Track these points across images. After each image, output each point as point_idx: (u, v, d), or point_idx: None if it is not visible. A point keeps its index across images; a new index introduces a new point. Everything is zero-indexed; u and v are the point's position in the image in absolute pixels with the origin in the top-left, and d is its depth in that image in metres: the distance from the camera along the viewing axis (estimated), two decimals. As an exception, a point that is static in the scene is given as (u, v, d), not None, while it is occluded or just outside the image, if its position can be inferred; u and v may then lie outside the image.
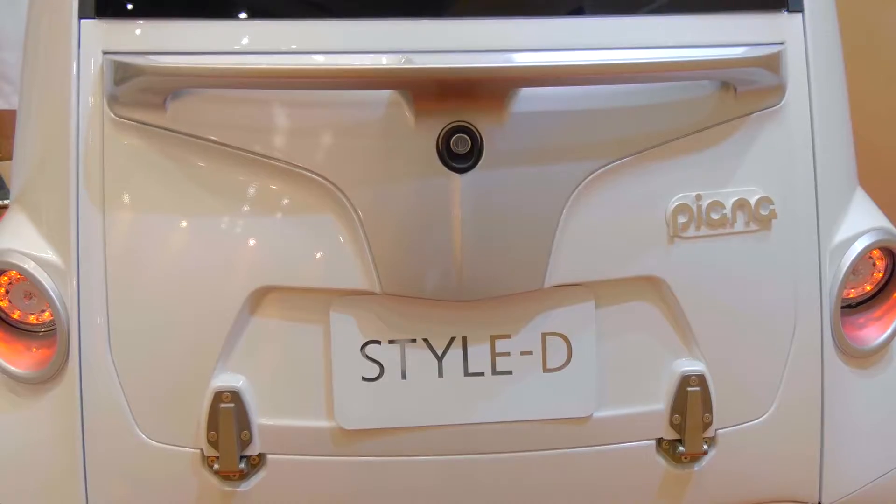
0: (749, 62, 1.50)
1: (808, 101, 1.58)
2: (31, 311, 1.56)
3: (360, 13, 1.53)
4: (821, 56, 1.60)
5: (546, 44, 1.49)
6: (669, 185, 1.52)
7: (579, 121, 1.47)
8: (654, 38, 1.53)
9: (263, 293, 1.49)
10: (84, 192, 1.48)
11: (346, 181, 1.44)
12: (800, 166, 1.58)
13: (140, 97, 1.44)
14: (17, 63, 2.65)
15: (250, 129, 1.45)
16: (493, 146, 1.42)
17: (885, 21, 2.98)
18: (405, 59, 1.42)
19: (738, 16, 1.57)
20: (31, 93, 1.60)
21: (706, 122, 1.52)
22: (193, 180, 1.47)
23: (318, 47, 1.48)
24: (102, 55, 1.48)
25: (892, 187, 2.56)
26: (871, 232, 1.63)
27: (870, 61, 2.99)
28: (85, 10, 1.50)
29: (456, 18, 1.53)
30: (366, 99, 1.44)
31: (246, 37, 1.49)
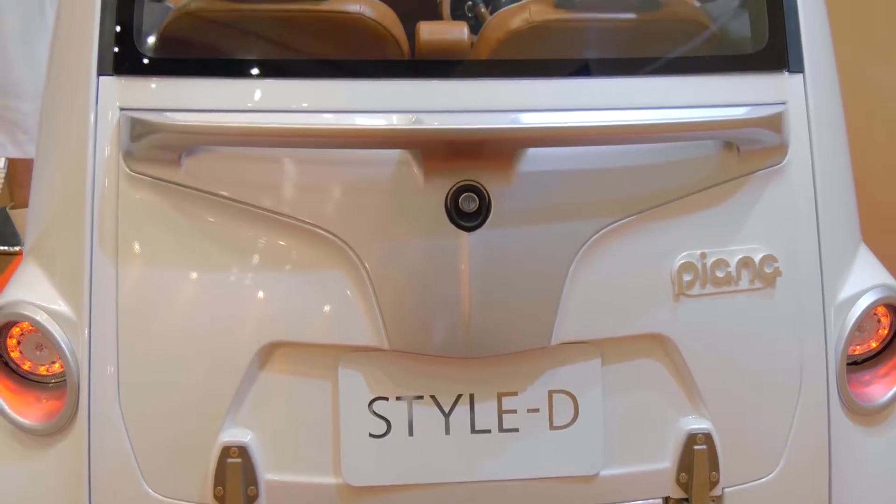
0: (751, 123, 1.52)
1: (811, 160, 1.60)
2: (41, 363, 1.57)
3: (369, 73, 1.56)
4: (822, 115, 1.62)
5: (552, 104, 1.52)
6: (674, 244, 1.53)
7: (585, 180, 1.49)
8: (658, 98, 1.55)
9: (272, 349, 1.50)
10: (98, 246, 1.50)
11: (356, 238, 1.46)
12: (803, 224, 1.59)
13: (155, 153, 1.47)
14: (32, 113, 2.69)
15: (262, 186, 1.48)
16: (500, 205, 1.44)
17: (887, 77, 3.01)
18: (415, 120, 1.45)
19: (741, 76, 1.60)
20: (48, 145, 1.62)
21: (710, 181, 1.54)
22: (206, 235, 1.49)
23: (330, 106, 1.51)
24: (119, 111, 1.51)
25: (894, 242, 2.57)
26: (876, 289, 1.64)
27: (871, 117, 3.02)
28: (104, 68, 1.53)
29: (464, 79, 1.56)
30: (376, 157, 1.46)
31: (258, 95, 1.53)
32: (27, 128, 2.73)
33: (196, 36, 1.77)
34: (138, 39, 1.56)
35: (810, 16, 1.64)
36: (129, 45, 1.54)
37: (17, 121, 2.74)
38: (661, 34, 1.81)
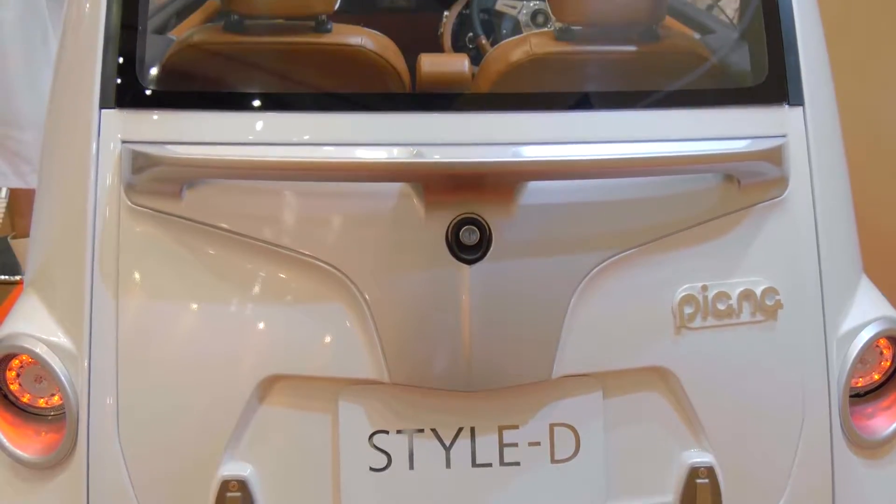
0: (752, 156, 1.53)
1: (811, 192, 1.60)
2: (40, 395, 1.56)
3: (371, 106, 1.57)
4: (822, 148, 1.63)
5: (553, 137, 1.53)
6: (675, 276, 1.53)
7: (586, 213, 1.49)
8: (659, 131, 1.56)
9: (272, 382, 1.49)
10: (98, 278, 1.50)
11: (356, 271, 1.46)
12: (804, 256, 1.59)
13: (156, 186, 1.47)
14: (35, 143, 2.70)
15: (263, 218, 1.48)
16: (501, 238, 1.44)
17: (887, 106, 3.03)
18: (416, 153, 1.45)
19: (741, 109, 1.61)
20: (50, 177, 1.63)
21: (711, 214, 1.54)
22: (206, 268, 1.49)
23: (331, 139, 1.51)
24: (121, 143, 1.51)
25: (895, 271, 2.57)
26: (878, 321, 1.63)
27: (872, 146, 3.03)
28: (106, 100, 1.54)
29: (465, 112, 1.57)
30: (376, 190, 1.46)
31: (260, 128, 1.53)
32: (30, 158, 2.74)
33: (198, 68, 1.78)
34: (140, 72, 1.57)
35: (810, 49, 1.65)
36: (130, 78, 1.54)
37: (19, 151, 2.75)
38: (661, 66, 1.82)
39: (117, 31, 1.56)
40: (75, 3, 1.63)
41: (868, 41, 3.09)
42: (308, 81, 1.79)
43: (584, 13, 1.87)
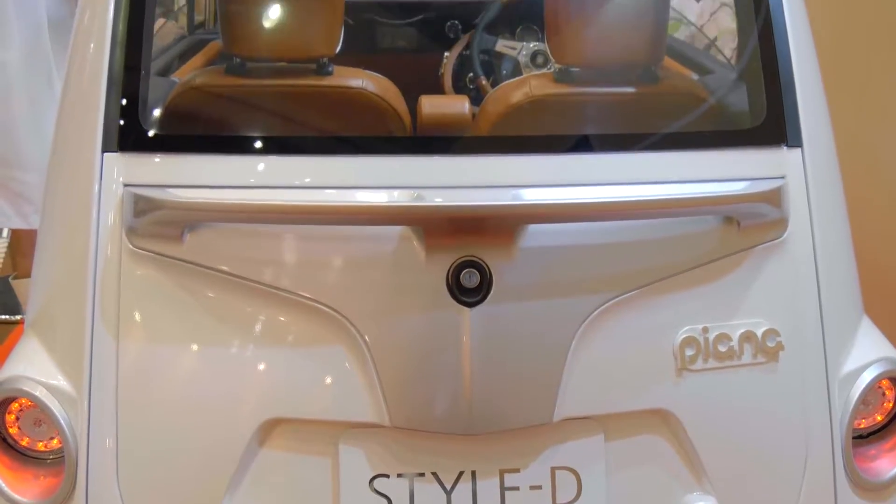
0: (751, 198, 1.53)
1: (811, 234, 1.60)
2: (39, 439, 1.55)
3: (371, 150, 1.58)
4: (821, 188, 1.63)
5: (553, 179, 1.53)
6: (676, 318, 1.53)
7: (587, 255, 1.50)
8: (658, 173, 1.57)
9: (272, 425, 1.49)
10: (99, 321, 1.50)
11: (357, 314, 1.46)
12: (805, 298, 1.59)
13: (158, 229, 1.48)
14: (38, 184, 2.71)
15: (264, 262, 1.48)
16: (502, 281, 1.45)
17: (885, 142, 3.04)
18: (416, 196, 1.46)
19: (740, 151, 1.62)
20: (52, 220, 1.63)
21: (711, 256, 1.54)
22: (207, 311, 1.49)
23: (332, 182, 1.52)
24: (123, 187, 1.52)
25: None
26: (880, 362, 1.63)
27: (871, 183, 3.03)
28: (108, 144, 1.55)
29: (465, 155, 1.58)
30: (377, 233, 1.47)
31: (261, 171, 1.54)
32: (32, 199, 2.75)
33: (200, 111, 1.79)
34: (143, 116, 1.58)
35: (807, 90, 1.66)
36: (133, 122, 1.56)
37: (22, 192, 2.76)
38: (660, 108, 1.84)
39: (120, 76, 1.58)
40: (79, 46, 1.65)
41: (864, 73, 3.11)
42: (310, 124, 1.80)
43: (582, 55, 1.89)
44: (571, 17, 1.90)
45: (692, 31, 3.59)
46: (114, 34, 1.60)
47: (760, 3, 1.69)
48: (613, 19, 1.87)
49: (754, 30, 1.69)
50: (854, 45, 3.16)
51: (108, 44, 1.59)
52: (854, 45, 3.16)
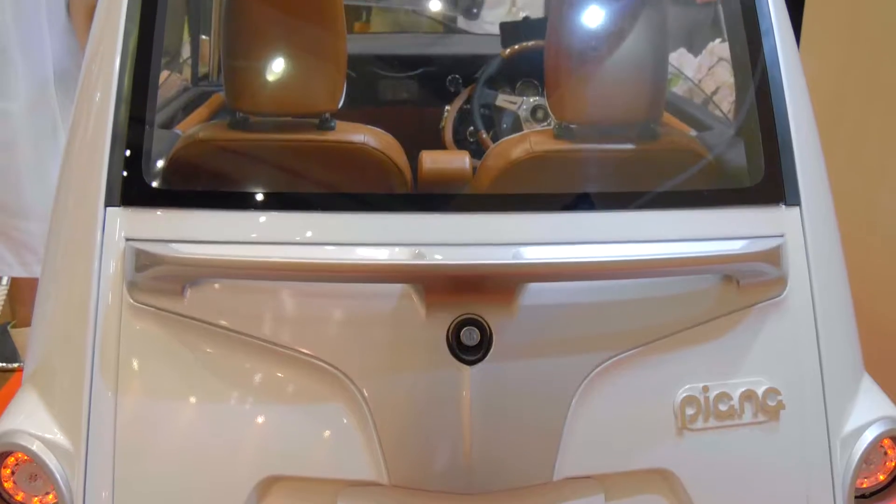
0: (750, 257, 1.54)
1: (810, 292, 1.61)
2: (35, 494, 1.54)
3: (372, 207, 1.59)
4: (820, 247, 1.64)
5: (553, 237, 1.54)
6: (676, 377, 1.53)
7: (587, 313, 1.50)
8: (658, 231, 1.58)
9: (271, 482, 1.48)
10: (98, 376, 1.49)
11: (356, 371, 1.46)
12: (805, 356, 1.59)
13: (159, 284, 1.48)
14: (40, 233, 2.72)
15: (264, 318, 1.48)
16: (502, 339, 1.45)
17: (883, 200, 3.06)
18: (417, 254, 1.47)
19: (739, 210, 1.63)
20: (53, 272, 1.64)
21: (711, 314, 1.54)
22: (206, 366, 1.49)
23: (333, 239, 1.53)
24: (125, 241, 1.52)
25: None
26: (882, 421, 1.62)
27: (870, 240, 3.05)
28: (111, 199, 1.55)
29: (466, 213, 1.58)
30: (377, 290, 1.47)
31: (263, 227, 1.55)
32: (34, 248, 2.76)
33: (203, 166, 1.81)
34: (146, 171, 1.59)
35: (805, 149, 1.68)
36: (137, 177, 1.57)
37: (24, 241, 2.77)
38: (659, 166, 1.85)
39: (125, 130, 1.59)
40: (84, 99, 1.67)
41: (861, 131, 3.14)
42: (312, 180, 1.81)
43: (582, 112, 1.91)
44: (570, 74, 1.93)
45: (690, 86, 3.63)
46: (119, 88, 1.62)
47: (757, 63, 1.72)
48: (612, 77, 1.90)
49: (751, 89, 1.71)
50: (851, 103, 3.20)
51: (114, 98, 1.61)
52: (851, 103, 3.20)
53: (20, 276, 2.86)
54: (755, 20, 1.73)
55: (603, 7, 1.93)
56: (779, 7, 1.76)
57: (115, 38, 1.64)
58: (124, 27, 1.65)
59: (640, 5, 1.90)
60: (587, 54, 1.92)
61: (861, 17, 3.17)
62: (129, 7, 1.66)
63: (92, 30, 1.76)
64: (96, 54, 1.69)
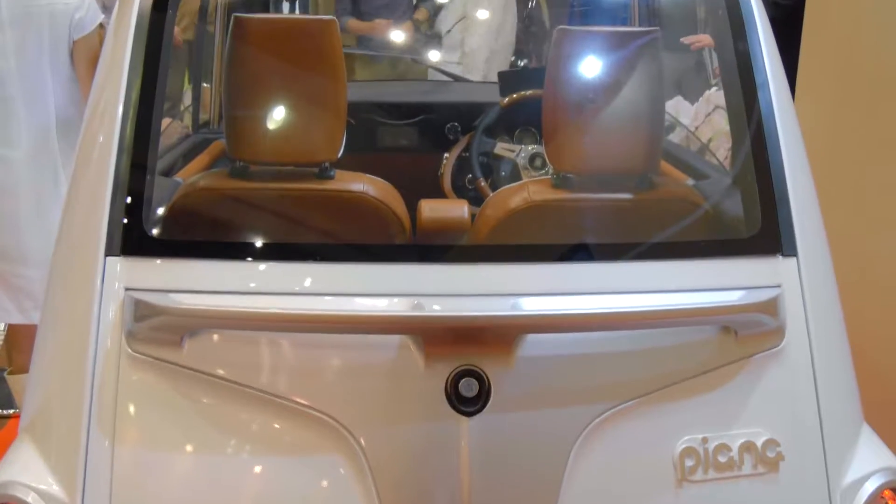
0: (748, 308, 1.54)
1: (808, 342, 1.61)
2: (28, 545, 1.53)
3: (371, 257, 1.59)
4: (817, 297, 1.64)
5: (551, 288, 1.55)
6: (675, 428, 1.52)
7: (585, 364, 1.50)
8: (656, 282, 1.58)
9: None
10: (95, 426, 1.49)
11: (355, 422, 1.45)
12: (804, 407, 1.59)
13: (158, 334, 1.48)
14: (39, 280, 2.72)
15: (263, 369, 1.48)
16: (500, 390, 1.44)
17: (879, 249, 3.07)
18: (415, 305, 1.47)
19: (736, 260, 1.63)
20: (52, 321, 1.63)
21: (709, 365, 1.54)
22: (204, 417, 1.48)
23: (332, 289, 1.53)
24: (125, 291, 1.52)
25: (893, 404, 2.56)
26: (882, 472, 1.61)
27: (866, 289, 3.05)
28: (111, 248, 1.56)
29: (464, 263, 1.59)
30: (376, 341, 1.47)
31: (262, 278, 1.55)
32: (33, 294, 2.76)
33: (203, 216, 1.82)
34: (147, 220, 1.60)
35: (801, 200, 1.69)
36: (137, 227, 1.57)
37: (23, 287, 2.77)
38: (657, 216, 1.86)
39: (126, 180, 1.60)
40: (86, 147, 1.68)
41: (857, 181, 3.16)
42: (311, 229, 1.82)
43: (579, 162, 1.92)
44: (567, 124, 1.95)
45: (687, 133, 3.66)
46: (121, 137, 1.63)
47: (753, 115, 1.73)
48: (609, 127, 1.92)
49: (747, 140, 1.73)
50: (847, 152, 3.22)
51: (116, 147, 1.62)
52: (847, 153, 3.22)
53: (18, 322, 2.85)
54: (751, 73, 1.75)
55: (600, 58, 1.96)
56: (773, 60, 1.78)
57: (118, 88, 1.66)
58: (127, 77, 1.67)
59: (636, 57, 1.92)
60: (584, 104, 1.94)
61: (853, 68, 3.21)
62: (132, 57, 1.68)
63: (95, 79, 1.78)
64: (99, 103, 1.70)
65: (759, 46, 1.77)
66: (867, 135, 3.10)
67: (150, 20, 1.70)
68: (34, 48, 2.66)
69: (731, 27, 1.80)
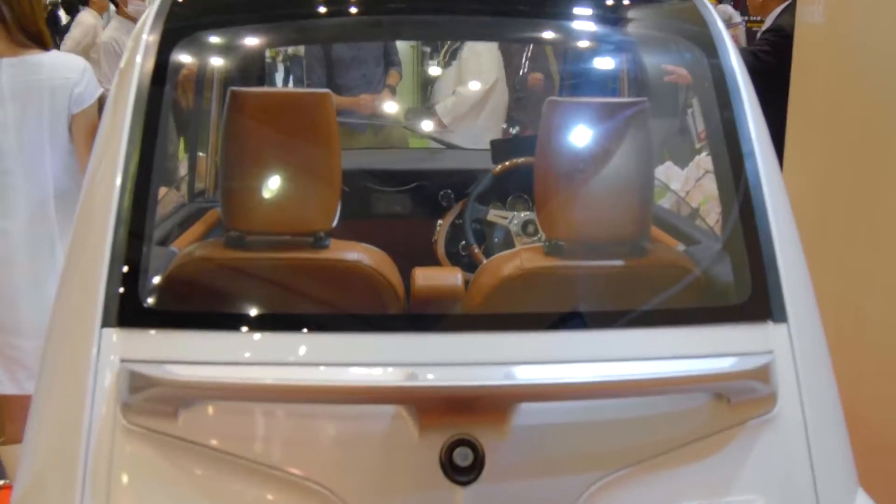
0: (739, 375, 1.55)
1: (801, 408, 1.61)
2: None
3: (365, 327, 1.61)
4: (808, 362, 1.65)
5: (546, 357, 1.55)
6: (671, 495, 1.52)
7: (580, 433, 1.50)
8: (648, 349, 1.59)
9: None
10: (89, 498, 1.47)
11: (349, 492, 1.44)
12: (798, 473, 1.58)
13: (153, 406, 1.48)
14: (34, 350, 2.71)
15: (258, 440, 1.48)
16: (495, 459, 1.44)
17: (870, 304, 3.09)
18: (409, 375, 1.48)
19: (727, 327, 1.64)
20: (47, 391, 1.63)
21: (703, 432, 1.54)
22: (199, 490, 1.47)
23: (327, 359, 1.53)
24: (120, 363, 1.52)
25: (889, 463, 2.54)
26: None
27: (859, 349, 3.06)
28: (108, 320, 1.56)
29: (458, 332, 1.60)
30: (370, 411, 1.48)
31: (258, 348, 1.56)
32: (27, 364, 2.75)
33: (199, 286, 1.83)
34: (143, 291, 1.61)
35: (790, 266, 1.71)
36: (133, 298, 1.58)
37: (17, 358, 2.77)
38: (648, 283, 1.88)
39: (122, 252, 1.60)
40: (84, 218, 1.70)
41: (845, 243, 3.20)
42: (306, 298, 1.84)
43: (571, 229, 1.95)
44: (559, 192, 1.98)
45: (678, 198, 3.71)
46: (119, 209, 1.64)
47: (740, 182, 1.76)
48: (600, 195, 1.95)
49: (735, 208, 1.75)
50: (835, 215, 3.26)
51: (113, 218, 1.63)
52: (835, 216, 3.26)
53: (11, 393, 2.84)
54: (737, 142, 1.79)
55: (590, 127, 2.00)
56: (760, 128, 1.82)
57: (117, 159, 1.68)
58: (126, 149, 1.69)
59: (625, 126, 1.96)
60: (575, 173, 1.97)
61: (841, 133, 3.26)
62: (130, 129, 1.71)
63: (94, 150, 1.81)
64: (97, 174, 1.73)
65: (746, 116, 1.81)
66: (856, 198, 3.14)
67: (148, 93, 1.74)
68: (34, 122, 2.70)
69: (718, 97, 1.84)
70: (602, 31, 2.15)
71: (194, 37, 1.90)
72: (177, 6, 1.88)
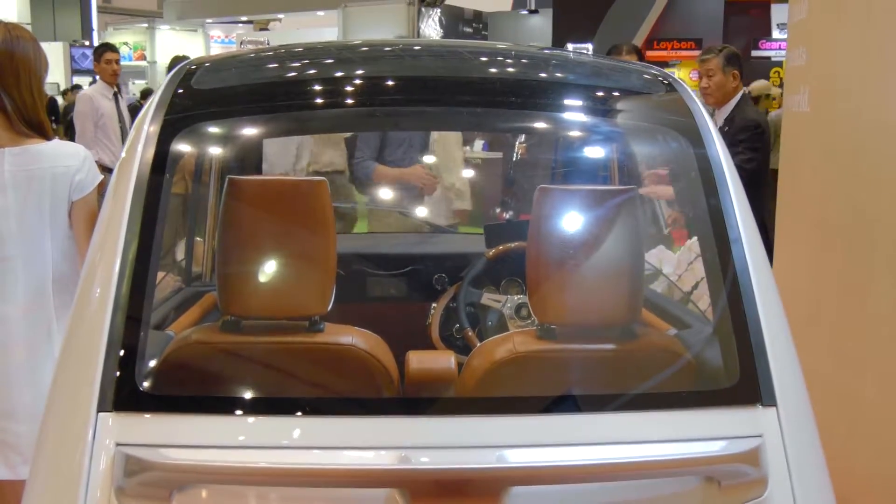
0: (729, 459, 1.56)
1: (791, 491, 1.61)
2: None
3: (359, 411, 1.62)
4: (798, 446, 1.66)
5: (538, 440, 1.57)
6: None
7: None
8: (639, 433, 1.60)
9: None
10: None
11: None
12: None
13: (147, 490, 1.49)
14: (29, 435, 2.70)
15: None
16: None
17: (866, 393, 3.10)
18: (402, 458, 1.49)
19: (717, 410, 1.66)
20: (42, 475, 1.63)
21: None
22: None
23: (319, 443, 1.55)
24: (115, 446, 1.53)
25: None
26: None
27: (851, 431, 3.06)
28: (103, 404, 1.57)
29: (451, 416, 1.62)
30: (364, 494, 1.48)
31: (251, 432, 1.57)
32: (21, 449, 2.73)
33: (195, 371, 1.85)
34: (139, 377, 1.62)
35: (778, 350, 1.73)
36: (130, 383, 1.60)
37: (12, 443, 2.75)
38: (639, 366, 1.90)
39: (119, 338, 1.62)
40: (82, 304, 1.72)
41: (838, 323, 3.23)
42: (301, 382, 1.85)
43: (563, 314, 1.97)
44: (550, 277, 2.01)
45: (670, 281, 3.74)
46: (117, 295, 1.66)
47: (727, 268, 1.80)
48: (591, 280, 1.98)
49: (723, 294, 1.78)
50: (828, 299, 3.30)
51: (111, 304, 1.65)
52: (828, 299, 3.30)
53: (5, 478, 2.81)
54: (724, 229, 1.83)
55: (581, 213, 2.05)
56: (745, 215, 1.86)
57: (116, 246, 1.71)
58: (125, 236, 1.72)
59: (615, 213, 2.01)
60: (566, 258, 2.01)
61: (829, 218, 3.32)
62: (129, 217, 1.75)
63: (93, 237, 1.84)
64: (96, 260, 1.76)
65: (731, 204, 1.85)
66: (848, 281, 3.18)
67: (148, 182, 1.78)
68: (35, 209, 2.73)
69: (704, 186, 1.88)
70: (593, 121, 2.22)
71: (194, 127, 1.96)
72: (178, 97, 1.94)
